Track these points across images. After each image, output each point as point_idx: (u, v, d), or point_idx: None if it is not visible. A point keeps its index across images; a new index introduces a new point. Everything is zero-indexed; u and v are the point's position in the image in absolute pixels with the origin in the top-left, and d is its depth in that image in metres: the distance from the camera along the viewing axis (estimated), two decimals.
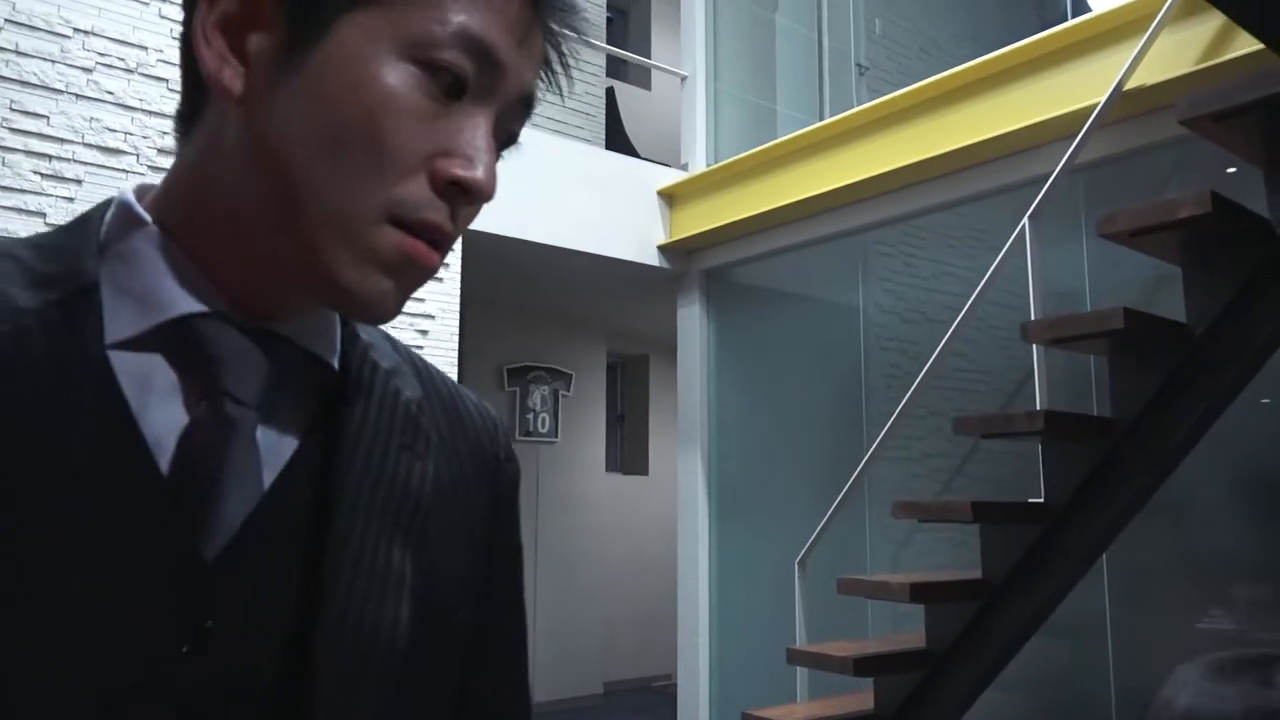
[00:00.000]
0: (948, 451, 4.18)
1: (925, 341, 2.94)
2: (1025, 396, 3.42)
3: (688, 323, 4.89)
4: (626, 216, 4.70)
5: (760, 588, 4.51)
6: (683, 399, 4.87)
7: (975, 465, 4.20)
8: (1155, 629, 3.48)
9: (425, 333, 3.87)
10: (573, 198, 4.47)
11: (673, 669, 5.01)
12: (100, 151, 3.20)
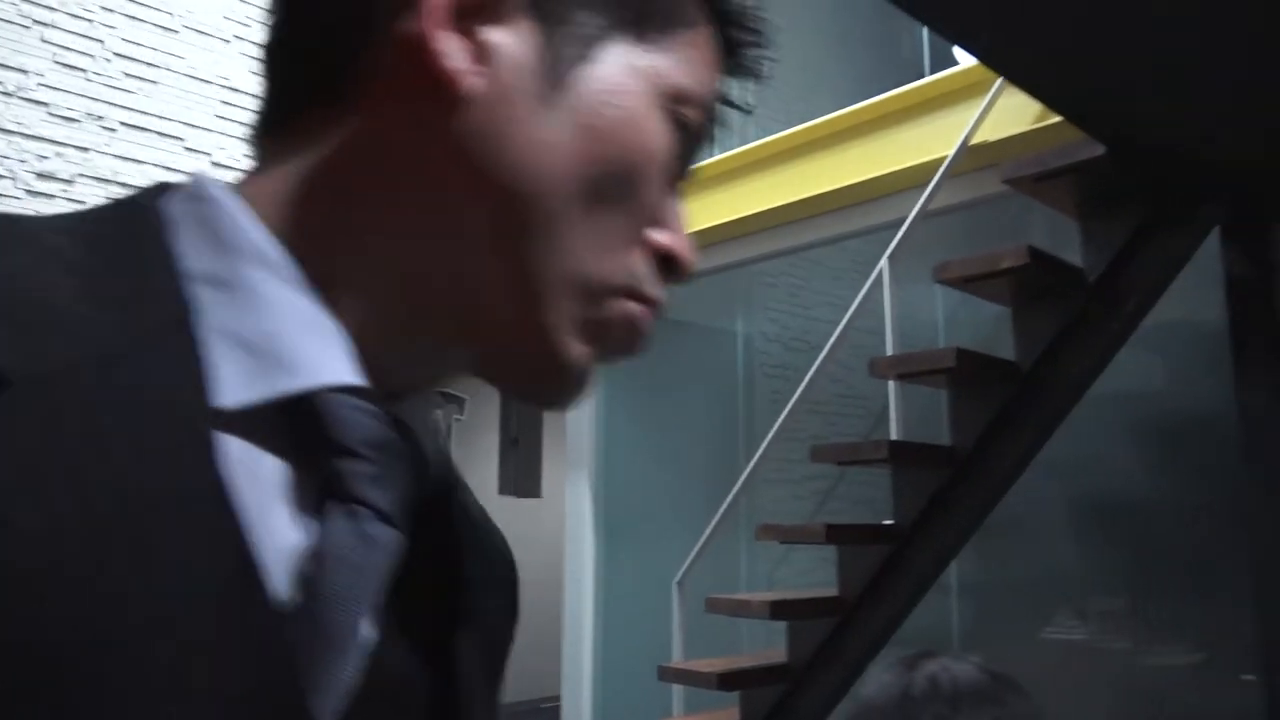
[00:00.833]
0: (829, 474, 4.40)
1: (808, 369, 3.16)
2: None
3: None
4: None
5: (644, 608, 4.63)
6: (571, 422, 4.97)
7: (855, 488, 4.42)
8: (999, 639, 3.74)
9: None
10: None
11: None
12: None
